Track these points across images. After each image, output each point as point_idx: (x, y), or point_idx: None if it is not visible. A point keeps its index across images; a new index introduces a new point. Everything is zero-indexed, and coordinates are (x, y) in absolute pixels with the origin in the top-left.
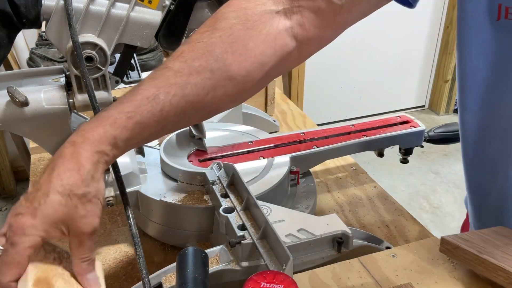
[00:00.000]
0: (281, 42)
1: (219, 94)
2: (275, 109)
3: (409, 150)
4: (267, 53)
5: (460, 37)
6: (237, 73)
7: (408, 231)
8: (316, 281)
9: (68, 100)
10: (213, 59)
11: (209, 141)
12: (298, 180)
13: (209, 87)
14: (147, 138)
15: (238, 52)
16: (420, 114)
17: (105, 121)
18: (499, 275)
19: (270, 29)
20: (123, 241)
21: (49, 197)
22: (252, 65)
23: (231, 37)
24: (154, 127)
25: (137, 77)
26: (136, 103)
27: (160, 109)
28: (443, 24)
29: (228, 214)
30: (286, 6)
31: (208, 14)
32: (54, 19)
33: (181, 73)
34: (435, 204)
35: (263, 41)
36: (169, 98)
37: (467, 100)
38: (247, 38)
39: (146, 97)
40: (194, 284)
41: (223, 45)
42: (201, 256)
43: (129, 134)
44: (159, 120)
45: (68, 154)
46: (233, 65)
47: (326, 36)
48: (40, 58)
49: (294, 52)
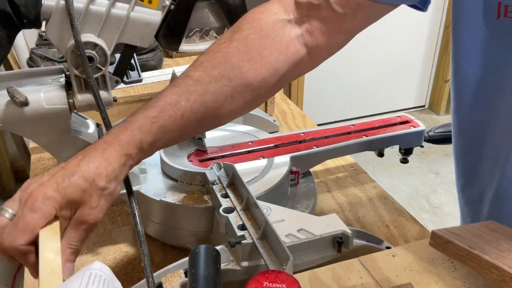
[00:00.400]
0: (293, 49)
1: (236, 100)
2: (275, 109)
3: (409, 150)
4: (280, 59)
5: (455, 36)
6: (253, 80)
7: (408, 231)
8: (316, 281)
9: (68, 100)
10: (230, 67)
11: (209, 141)
12: (298, 180)
13: (227, 93)
14: (169, 142)
15: (254, 60)
16: (420, 114)
17: (132, 125)
18: (492, 272)
19: (283, 37)
20: (123, 241)
21: (74, 177)
22: (267, 71)
23: (246, 47)
24: (175, 132)
25: (137, 77)
26: (159, 109)
27: (181, 115)
28: (443, 24)
29: (228, 214)
30: (296, 16)
31: (208, 14)
32: (54, 19)
33: (201, 81)
34: (435, 204)
35: (276, 48)
36: (189, 104)
37: (463, 97)
38: (262, 47)
39: (169, 103)
40: (205, 282)
41: (239, 54)
42: (213, 254)
43: (153, 138)
44: (180, 125)
45: (101, 150)
46: (249, 73)
47: (335, 43)
48: (40, 58)
49: (305, 58)
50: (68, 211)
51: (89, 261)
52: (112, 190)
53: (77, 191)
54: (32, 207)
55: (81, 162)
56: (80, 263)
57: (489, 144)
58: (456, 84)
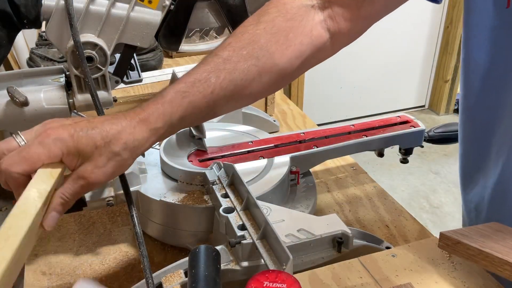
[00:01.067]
0: (317, 33)
1: (263, 80)
2: (275, 109)
3: (409, 150)
4: (304, 42)
5: (466, 24)
6: (280, 60)
7: (408, 231)
8: (316, 281)
9: (68, 100)
10: (258, 47)
11: (209, 141)
12: (298, 180)
13: (255, 73)
14: (195, 120)
15: (280, 42)
16: (420, 114)
17: (163, 99)
18: (505, 269)
19: (307, 21)
20: (123, 241)
21: (92, 131)
22: (292, 53)
23: (274, 29)
24: (203, 109)
25: (137, 77)
26: (189, 84)
27: (211, 91)
28: (443, 24)
29: (228, 214)
30: (319, 1)
31: (208, 14)
32: (54, 19)
33: (230, 60)
34: (435, 204)
35: (301, 32)
36: (219, 82)
37: (473, 83)
38: (288, 29)
39: (199, 79)
40: (205, 282)
41: (267, 36)
42: (213, 254)
43: (183, 113)
44: (208, 102)
45: (129, 118)
46: (276, 53)
47: (356, 29)
48: (40, 58)
49: (327, 43)
50: (74, 161)
51: (89, 261)
52: (124, 159)
53: (89, 145)
54: (41, 141)
55: (106, 121)
56: (80, 263)
57: (497, 130)
58: (465, 71)
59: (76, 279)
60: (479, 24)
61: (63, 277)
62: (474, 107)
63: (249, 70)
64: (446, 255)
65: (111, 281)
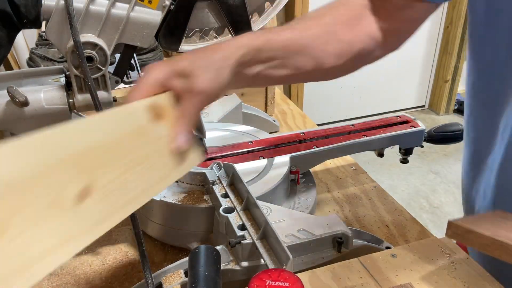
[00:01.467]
0: (373, 33)
1: (328, 49)
2: (275, 109)
3: (409, 150)
4: (362, 36)
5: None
6: (344, 38)
7: (408, 231)
8: (316, 281)
9: (68, 100)
10: (325, 24)
11: (209, 141)
12: (298, 180)
13: (324, 40)
14: (268, 61)
15: (344, 24)
16: (420, 114)
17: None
18: None
19: (366, 19)
20: (123, 241)
21: (217, 54)
22: (354, 37)
23: (339, 14)
24: (280, 51)
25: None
26: (276, 29)
27: (289, 37)
28: (443, 24)
29: (228, 214)
30: (372, 3)
31: (208, 14)
32: (54, 19)
33: (304, 26)
34: (435, 204)
35: (363, 27)
36: (296, 32)
37: (484, 55)
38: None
39: (282, 28)
40: (205, 282)
41: (333, 19)
42: (213, 254)
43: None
44: (285, 46)
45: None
46: (340, 31)
47: (402, 30)
48: (40, 58)
49: (379, 43)
50: (180, 82)
51: (89, 261)
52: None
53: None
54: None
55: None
56: (80, 263)
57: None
58: (472, 42)
59: (76, 279)
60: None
61: (63, 277)
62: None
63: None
64: (446, 255)
65: (111, 281)
